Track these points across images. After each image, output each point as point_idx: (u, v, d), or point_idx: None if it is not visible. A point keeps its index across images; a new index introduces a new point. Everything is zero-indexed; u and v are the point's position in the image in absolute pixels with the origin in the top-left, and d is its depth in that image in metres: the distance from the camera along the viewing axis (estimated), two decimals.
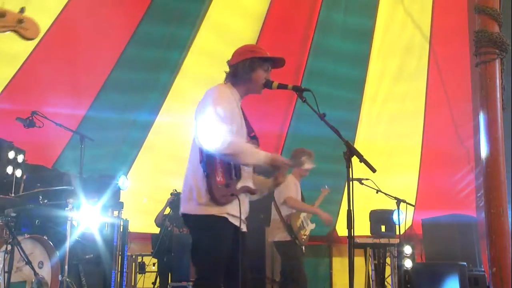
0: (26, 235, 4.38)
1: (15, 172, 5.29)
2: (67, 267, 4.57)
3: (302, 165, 3.76)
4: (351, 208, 2.67)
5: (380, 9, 7.29)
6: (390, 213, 6.13)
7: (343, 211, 6.87)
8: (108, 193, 5.44)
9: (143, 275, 6.98)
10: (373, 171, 2.66)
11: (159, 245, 6.44)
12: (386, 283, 6.26)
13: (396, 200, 5.82)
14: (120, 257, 5.58)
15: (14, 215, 4.22)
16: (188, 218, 2.78)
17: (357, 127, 7.78)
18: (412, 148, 7.67)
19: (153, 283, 6.50)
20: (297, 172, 5.35)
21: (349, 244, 2.64)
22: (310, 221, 5.46)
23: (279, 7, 7.18)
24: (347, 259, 2.69)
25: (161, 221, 6.67)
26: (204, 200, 2.68)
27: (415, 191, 7.55)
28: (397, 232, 6.00)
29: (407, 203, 5.96)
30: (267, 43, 7.17)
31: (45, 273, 4.45)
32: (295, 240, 5.12)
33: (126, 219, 5.78)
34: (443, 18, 7.14)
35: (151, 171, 7.72)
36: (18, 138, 5.57)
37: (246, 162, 2.77)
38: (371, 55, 7.53)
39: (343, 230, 7.72)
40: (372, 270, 6.29)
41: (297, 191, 5.32)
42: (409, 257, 6.18)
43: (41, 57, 6.09)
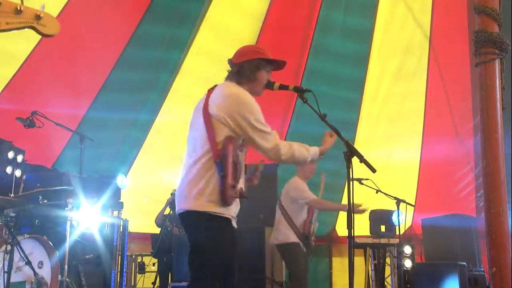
0: (26, 235, 4.38)
1: (15, 172, 5.29)
2: (67, 267, 4.57)
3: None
4: (351, 208, 2.68)
5: (380, 9, 7.29)
6: (390, 214, 6.13)
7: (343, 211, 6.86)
8: (108, 193, 5.44)
9: (143, 275, 6.99)
10: (373, 171, 2.66)
11: (159, 245, 6.44)
12: (386, 283, 6.26)
13: (396, 200, 5.82)
14: (120, 257, 5.57)
15: (13, 215, 4.22)
16: (192, 214, 2.75)
17: (357, 127, 7.78)
18: (412, 148, 7.66)
19: (153, 283, 6.50)
20: (301, 173, 5.28)
21: (349, 244, 2.64)
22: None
23: (279, 7, 7.18)
24: (347, 259, 2.69)
25: (161, 221, 6.67)
26: (214, 198, 2.69)
27: (415, 191, 7.55)
28: (397, 232, 6.00)
29: (407, 203, 5.96)
30: (267, 43, 7.17)
31: (45, 273, 4.45)
32: (305, 243, 5.07)
33: (126, 219, 5.78)
34: (443, 17, 7.14)
35: (151, 171, 7.73)
36: (18, 138, 5.57)
37: (306, 160, 2.94)
38: (371, 55, 7.52)
39: (343, 230, 7.72)
40: (372, 270, 6.29)
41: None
42: (409, 257, 6.18)
43: (41, 56, 6.09)
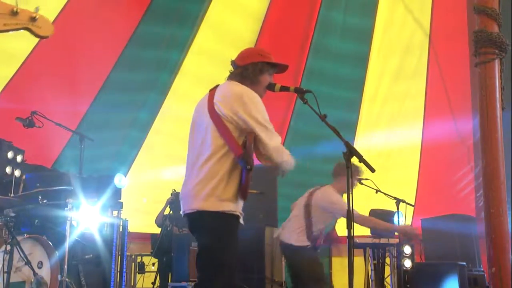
0: (25, 235, 4.37)
1: (14, 172, 5.29)
2: (66, 267, 4.56)
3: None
4: (351, 208, 2.68)
5: (379, 9, 7.29)
6: (389, 214, 6.12)
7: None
8: (107, 193, 5.43)
9: (143, 275, 6.98)
10: (372, 171, 2.67)
11: (159, 245, 6.44)
12: (385, 283, 6.26)
13: (395, 200, 5.82)
14: (119, 257, 5.57)
15: (13, 215, 4.22)
16: (203, 214, 2.71)
17: (356, 127, 7.78)
18: (411, 147, 7.66)
19: (152, 283, 6.49)
20: (338, 186, 4.84)
21: (348, 244, 2.64)
22: None
23: (279, 7, 7.18)
24: (347, 259, 2.69)
25: (161, 221, 6.67)
26: (226, 196, 2.68)
27: (415, 191, 7.55)
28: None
29: (407, 203, 5.95)
30: (267, 43, 7.17)
31: (45, 273, 4.44)
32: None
33: (125, 219, 5.77)
34: (443, 17, 7.14)
35: (150, 171, 7.72)
36: (17, 138, 5.57)
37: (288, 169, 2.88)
38: (370, 55, 7.52)
39: (342, 230, 7.72)
40: (371, 270, 6.28)
41: None
42: (408, 257, 6.17)
43: (41, 56, 6.09)
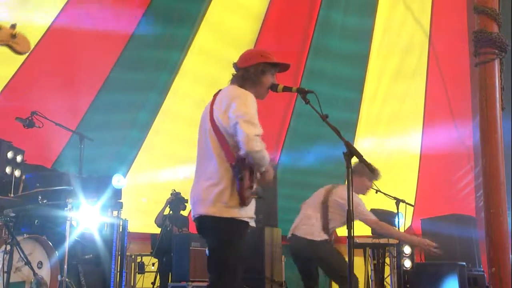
0: (25, 235, 4.37)
1: (14, 172, 5.29)
2: (66, 267, 4.56)
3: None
4: (351, 208, 2.68)
5: (379, 9, 7.29)
6: (390, 214, 6.11)
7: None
8: (107, 193, 5.43)
9: (143, 275, 6.98)
10: (371, 171, 2.67)
11: (159, 245, 6.44)
12: (385, 283, 6.26)
13: (395, 200, 5.82)
14: (119, 257, 5.57)
15: (13, 215, 4.22)
16: (210, 220, 2.76)
17: (356, 127, 7.77)
18: (411, 147, 7.66)
19: (152, 283, 6.49)
20: (356, 187, 4.65)
21: (348, 244, 2.64)
22: None
23: (279, 7, 7.18)
24: (347, 259, 2.69)
25: (161, 221, 6.67)
26: (232, 203, 2.72)
27: (415, 191, 7.55)
28: None
29: (407, 203, 5.95)
30: (267, 43, 7.17)
31: (44, 273, 4.44)
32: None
33: (125, 219, 5.77)
34: (443, 17, 7.14)
35: (150, 171, 7.72)
36: (17, 138, 5.57)
37: (259, 165, 2.80)
38: (370, 55, 7.52)
39: (342, 230, 7.71)
40: (371, 270, 6.28)
41: None
42: (408, 257, 6.17)
43: (41, 56, 6.09)
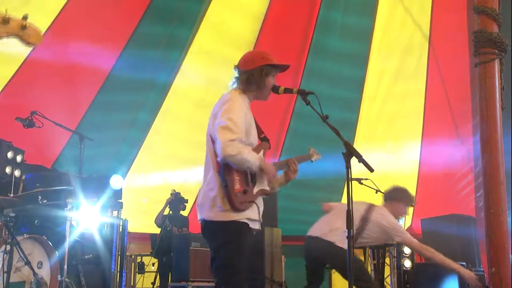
0: (25, 235, 4.37)
1: (14, 172, 5.29)
2: (66, 267, 4.56)
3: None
4: (350, 208, 2.68)
5: (379, 9, 7.29)
6: None
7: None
8: (107, 193, 5.42)
9: (143, 275, 6.98)
10: (371, 170, 2.68)
11: (159, 245, 6.44)
12: (385, 283, 6.25)
13: None
14: (119, 257, 5.57)
15: (13, 215, 4.21)
16: (209, 224, 2.82)
17: (356, 127, 7.77)
18: (411, 148, 7.66)
19: (152, 283, 6.49)
20: (391, 211, 4.61)
21: (348, 244, 2.64)
22: None
23: (279, 7, 7.18)
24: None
25: (161, 221, 6.67)
26: (226, 207, 2.75)
27: (415, 191, 7.54)
28: None
29: None
30: (267, 43, 7.17)
31: (44, 273, 4.44)
32: None
33: (125, 219, 5.77)
34: (443, 17, 7.14)
35: (150, 171, 7.72)
36: (17, 138, 5.56)
37: (244, 168, 2.79)
38: (370, 55, 7.53)
39: None
40: (371, 270, 6.27)
41: None
42: (408, 257, 6.16)
43: (41, 56, 6.09)
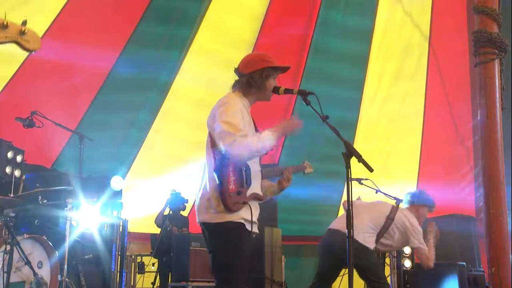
0: (25, 235, 4.37)
1: (14, 172, 5.29)
2: (66, 267, 4.56)
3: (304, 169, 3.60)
4: (350, 208, 2.68)
5: (379, 9, 7.29)
6: None
7: (342, 211, 6.86)
8: (107, 193, 5.43)
9: (143, 275, 6.98)
10: (370, 170, 2.68)
11: (159, 245, 6.44)
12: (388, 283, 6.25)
13: (395, 200, 5.81)
14: (119, 257, 5.57)
15: (13, 215, 4.21)
16: (207, 226, 2.83)
17: (356, 127, 7.77)
18: (411, 147, 7.67)
19: (152, 283, 6.49)
20: (415, 215, 4.61)
21: (348, 244, 2.64)
22: None
23: (279, 7, 7.18)
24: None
25: (161, 221, 6.67)
26: (220, 208, 2.75)
27: None
28: None
29: None
30: (267, 43, 7.18)
31: (44, 273, 4.44)
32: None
33: (125, 219, 5.77)
34: (443, 17, 7.14)
35: (150, 171, 7.72)
36: (17, 138, 5.57)
37: (262, 153, 2.83)
38: (370, 55, 7.53)
39: None
40: None
41: None
42: (408, 257, 6.16)
43: (41, 56, 6.08)
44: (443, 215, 6.60)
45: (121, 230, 5.64)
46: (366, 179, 5.47)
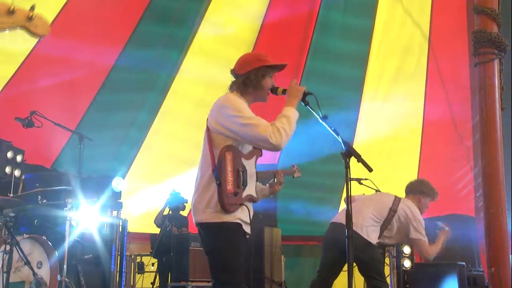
0: (25, 235, 4.37)
1: (14, 172, 5.30)
2: (66, 267, 4.57)
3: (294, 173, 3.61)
4: (349, 208, 2.68)
5: (379, 9, 7.29)
6: None
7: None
8: (107, 193, 5.43)
9: (142, 275, 6.99)
10: (370, 170, 2.68)
11: (158, 245, 6.44)
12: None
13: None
14: (119, 257, 5.57)
15: (13, 215, 4.21)
16: (203, 226, 2.81)
17: (356, 127, 7.77)
18: (411, 147, 7.67)
19: (152, 283, 6.49)
20: (417, 205, 4.59)
21: (348, 244, 2.64)
22: None
23: (279, 7, 7.18)
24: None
25: (160, 221, 6.67)
26: (218, 208, 2.74)
27: None
28: None
29: None
30: (266, 43, 7.18)
31: (44, 273, 4.44)
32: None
33: (125, 219, 5.78)
34: (442, 17, 7.14)
35: (150, 171, 7.72)
36: (17, 137, 5.57)
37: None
38: (370, 55, 7.52)
39: None
40: None
41: None
42: (408, 257, 6.17)
43: (40, 56, 6.09)
44: (443, 215, 6.61)
45: (120, 230, 5.65)
46: (365, 179, 5.48)
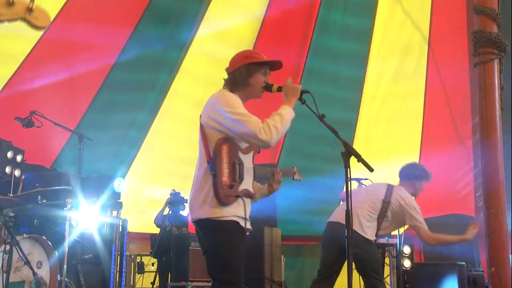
0: (24, 235, 4.37)
1: (14, 172, 5.30)
2: (65, 267, 4.57)
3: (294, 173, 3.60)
4: (349, 208, 2.68)
5: (379, 9, 7.29)
6: None
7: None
8: (107, 193, 5.43)
9: (142, 275, 6.99)
10: (371, 170, 2.67)
11: (158, 245, 6.44)
12: (385, 283, 6.26)
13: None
14: (119, 257, 5.58)
15: (12, 215, 4.22)
16: (201, 222, 2.77)
17: (356, 127, 7.77)
18: (411, 147, 7.67)
19: (152, 283, 6.49)
20: (410, 190, 4.63)
21: (347, 244, 2.64)
22: None
23: (279, 7, 7.18)
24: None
25: (160, 221, 6.67)
26: (214, 202, 2.71)
27: None
28: (396, 232, 6.00)
29: None
30: (266, 43, 7.17)
31: (44, 273, 4.44)
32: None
33: (125, 219, 5.78)
34: (442, 17, 7.14)
35: (150, 171, 7.72)
36: (17, 137, 5.57)
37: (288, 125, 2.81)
38: (370, 55, 7.53)
39: None
40: None
41: None
42: (408, 257, 6.17)
43: (40, 56, 6.09)
44: (443, 215, 6.61)
45: (120, 230, 5.65)
46: (365, 179, 5.48)
